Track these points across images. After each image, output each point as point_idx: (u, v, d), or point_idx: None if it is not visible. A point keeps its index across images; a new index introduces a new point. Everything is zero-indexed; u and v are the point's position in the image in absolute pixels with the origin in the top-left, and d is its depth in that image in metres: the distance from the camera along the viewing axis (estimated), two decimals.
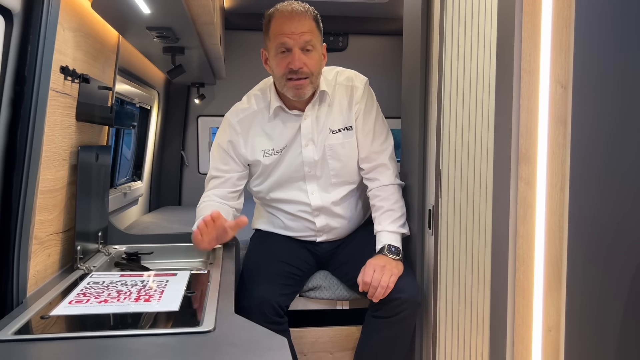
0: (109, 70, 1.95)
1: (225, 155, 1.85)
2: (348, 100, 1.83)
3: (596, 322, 1.07)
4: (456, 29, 1.57)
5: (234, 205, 1.87)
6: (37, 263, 1.37)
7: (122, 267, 1.78)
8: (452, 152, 1.60)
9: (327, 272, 1.97)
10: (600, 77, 1.04)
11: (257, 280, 1.70)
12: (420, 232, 1.81)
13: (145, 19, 1.74)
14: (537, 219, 1.14)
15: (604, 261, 1.06)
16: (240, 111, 1.85)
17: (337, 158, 1.83)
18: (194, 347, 1.00)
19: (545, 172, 1.11)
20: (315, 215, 1.87)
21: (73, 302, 1.24)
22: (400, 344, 1.74)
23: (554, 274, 1.10)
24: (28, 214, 1.26)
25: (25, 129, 1.23)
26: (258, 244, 1.96)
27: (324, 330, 1.95)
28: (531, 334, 1.16)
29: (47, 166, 1.39)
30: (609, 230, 1.06)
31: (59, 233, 1.54)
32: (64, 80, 1.46)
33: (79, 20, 1.55)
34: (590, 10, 1.03)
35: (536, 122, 1.12)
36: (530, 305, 1.16)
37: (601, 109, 1.05)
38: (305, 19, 1.68)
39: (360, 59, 3.54)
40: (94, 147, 1.76)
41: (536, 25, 1.11)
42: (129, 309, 1.20)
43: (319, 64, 1.72)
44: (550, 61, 1.09)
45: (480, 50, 1.42)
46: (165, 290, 1.34)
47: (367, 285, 1.66)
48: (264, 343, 1.02)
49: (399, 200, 1.85)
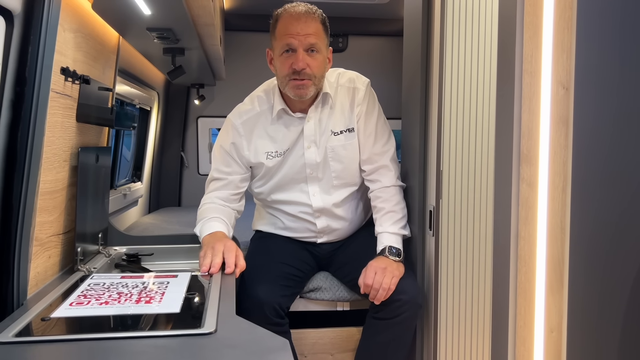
0: (109, 72, 1.94)
1: (227, 157, 1.84)
2: (350, 102, 1.83)
3: (598, 324, 1.07)
4: (457, 30, 1.57)
5: (236, 208, 1.87)
6: (37, 265, 1.37)
7: (123, 269, 1.77)
8: (453, 153, 1.59)
9: (327, 274, 1.96)
10: (602, 78, 1.04)
11: (257, 282, 1.69)
12: (421, 234, 1.81)
13: (146, 20, 1.74)
14: (538, 220, 1.14)
15: (606, 262, 1.06)
16: (243, 113, 1.84)
17: (339, 160, 1.83)
18: (196, 349, 1.00)
19: (546, 173, 1.11)
20: (316, 216, 1.87)
21: (74, 304, 1.23)
22: (401, 345, 1.73)
23: (556, 275, 1.10)
24: (28, 215, 1.26)
25: (25, 130, 1.22)
26: (259, 245, 1.96)
27: (324, 331, 1.95)
28: (533, 336, 1.16)
29: (47, 167, 1.38)
30: (611, 231, 1.06)
31: (59, 234, 1.53)
32: (64, 81, 1.46)
33: (80, 21, 1.55)
34: (591, 11, 1.03)
35: (538, 123, 1.12)
36: (532, 307, 1.15)
37: (603, 109, 1.05)
38: (311, 21, 1.68)
39: (360, 60, 3.54)
40: (94, 149, 1.76)
41: (537, 25, 1.11)
42: (129, 311, 1.19)
43: (322, 66, 1.72)
44: (551, 62, 1.09)
45: (481, 51, 1.42)
46: (166, 291, 1.33)
47: (369, 287, 1.66)
48: (266, 345, 1.02)
49: (401, 202, 1.84)
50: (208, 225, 1.72)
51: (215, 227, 1.71)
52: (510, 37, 1.17)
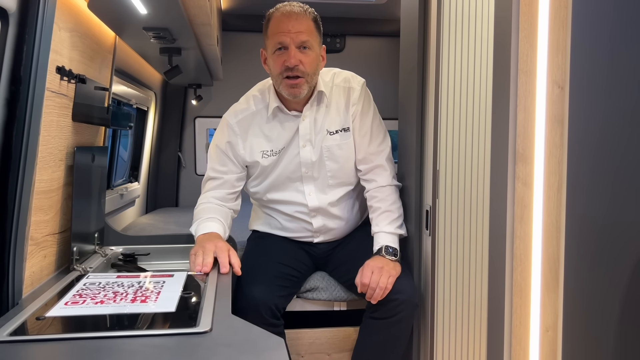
0: (105, 71, 1.94)
1: (223, 157, 1.84)
2: (345, 101, 1.83)
3: (593, 322, 1.07)
4: (453, 30, 1.57)
5: (232, 207, 1.86)
6: (32, 264, 1.36)
7: (119, 268, 1.77)
8: (449, 153, 1.60)
9: (324, 273, 1.96)
10: (597, 77, 1.04)
11: (254, 282, 1.69)
12: (417, 233, 1.81)
13: (142, 20, 1.74)
14: (534, 219, 1.14)
15: (601, 261, 1.06)
16: (238, 112, 1.84)
17: (334, 159, 1.83)
18: (191, 347, 1.00)
19: (542, 172, 1.11)
20: (312, 216, 1.87)
21: (69, 303, 1.23)
22: (397, 345, 1.73)
23: (551, 274, 1.10)
24: (24, 214, 1.25)
25: (20, 130, 1.22)
26: (255, 245, 1.96)
27: (321, 331, 1.95)
28: (529, 334, 1.16)
29: (43, 167, 1.38)
30: (606, 230, 1.06)
31: (55, 234, 1.53)
32: (60, 80, 1.46)
33: (75, 21, 1.55)
34: (586, 11, 1.03)
35: (533, 122, 1.12)
36: (528, 306, 1.16)
37: (598, 109, 1.05)
38: (303, 19, 1.69)
39: (358, 60, 3.54)
40: (90, 148, 1.75)
41: (533, 25, 1.11)
42: (125, 310, 1.19)
43: (315, 64, 1.72)
44: (547, 61, 1.09)
45: (477, 51, 1.42)
46: (162, 291, 1.33)
47: (365, 286, 1.66)
48: (261, 344, 1.02)
49: (397, 202, 1.85)
50: (203, 225, 1.72)
51: (210, 227, 1.71)
52: (506, 37, 1.17)
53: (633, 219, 1.06)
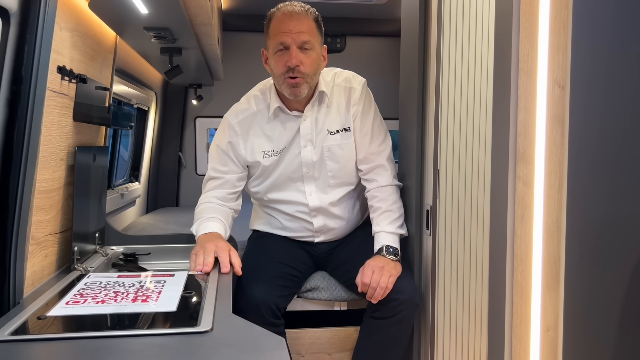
0: (106, 71, 1.94)
1: (224, 157, 1.84)
2: (346, 101, 1.83)
3: (594, 322, 1.07)
4: (453, 30, 1.57)
5: (233, 207, 1.86)
6: (34, 264, 1.36)
7: (120, 268, 1.77)
8: (450, 153, 1.60)
9: (325, 273, 1.96)
10: (598, 77, 1.04)
11: (254, 281, 1.69)
12: (418, 233, 1.81)
13: (143, 19, 1.74)
14: (535, 218, 1.14)
15: (602, 261, 1.06)
16: (239, 112, 1.84)
17: (335, 159, 1.83)
18: (192, 347, 1.00)
19: (543, 172, 1.11)
20: (313, 215, 1.87)
21: (70, 303, 1.23)
22: (398, 344, 1.73)
23: (552, 274, 1.10)
24: (25, 214, 1.25)
25: (22, 129, 1.22)
26: (256, 245, 1.96)
27: (321, 331, 1.95)
28: (529, 334, 1.16)
29: (44, 166, 1.38)
30: (607, 229, 1.06)
31: (56, 234, 1.53)
32: (61, 80, 1.46)
33: (76, 20, 1.55)
34: (587, 10, 1.04)
35: (534, 122, 1.13)
36: (528, 305, 1.16)
37: (599, 108, 1.05)
38: (304, 19, 1.69)
39: (358, 60, 3.54)
40: (91, 148, 1.75)
41: (534, 25, 1.11)
42: (126, 310, 1.19)
43: (316, 64, 1.72)
44: (547, 61, 1.09)
45: (478, 51, 1.42)
46: (163, 290, 1.33)
47: (366, 286, 1.66)
48: (262, 343, 1.02)
49: (397, 201, 1.85)
50: (204, 225, 1.72)
51: (211, 227, 1.71)
52: (507, 37, 1.17)
53: (633, 218, 1.06)
